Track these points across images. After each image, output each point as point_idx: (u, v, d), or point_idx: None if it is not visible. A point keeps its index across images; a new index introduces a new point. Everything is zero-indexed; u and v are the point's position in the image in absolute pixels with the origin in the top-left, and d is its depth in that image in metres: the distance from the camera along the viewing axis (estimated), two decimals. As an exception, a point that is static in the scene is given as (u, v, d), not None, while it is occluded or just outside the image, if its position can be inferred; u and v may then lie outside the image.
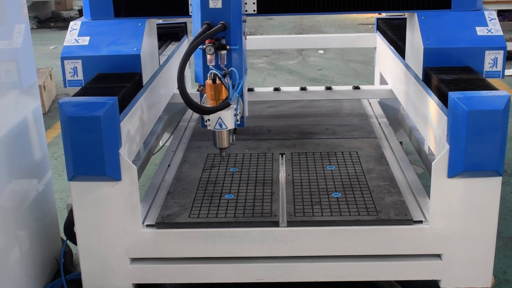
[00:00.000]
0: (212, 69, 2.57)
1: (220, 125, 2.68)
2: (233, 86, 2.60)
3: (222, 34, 2.57)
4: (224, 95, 2.60)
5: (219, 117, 2.66)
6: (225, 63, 2.59)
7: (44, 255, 3.19)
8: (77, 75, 3.03)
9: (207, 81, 2.61)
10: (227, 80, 2.57)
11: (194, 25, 2.63)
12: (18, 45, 3.03)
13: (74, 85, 3.03)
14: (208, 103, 2.64)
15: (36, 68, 3.54)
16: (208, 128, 2.71)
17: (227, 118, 2.67)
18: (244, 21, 2.70)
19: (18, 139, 2.97)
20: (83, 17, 3.25)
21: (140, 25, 3.12)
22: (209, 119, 2.68)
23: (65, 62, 3.02)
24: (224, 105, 2.56)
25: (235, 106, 2.66)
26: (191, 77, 4.98)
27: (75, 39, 3.08)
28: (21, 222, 2.98)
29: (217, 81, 2.58)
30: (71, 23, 3.17)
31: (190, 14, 3.07)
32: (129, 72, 3.01)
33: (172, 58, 3.97)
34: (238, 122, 2.74)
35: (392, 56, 3.92)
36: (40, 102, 3.27)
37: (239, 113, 2.73)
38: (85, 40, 3.08)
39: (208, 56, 2.56)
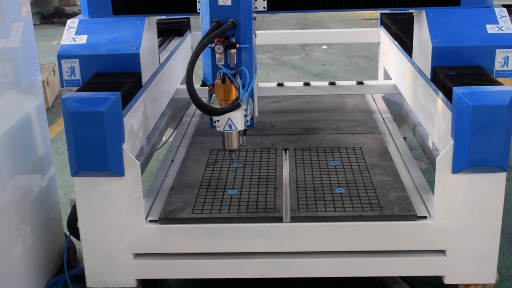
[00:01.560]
0: (222, 69, 2.51)
1: (230, 126, 2.63)
2: (243, 86, 2.54)
3: (231, 32, 2.51)
4: (234, 95, 2.54)
5: (229, 118, 2.60)
6: (235, 62, 2.53)
7: (47, 250, 3.19)
8: (74, 75, 2.97)
9: (216, 80, 2.55)
10: (237, 80, 2.52)
11: (203, 23, 2.58)
12: (19, 42, 3.02)
13: (71, 85, 2.97)
14: (217, 103, 2.58)
15: (39, 64, 3.53)
16: (218, 129, 2.65)
17: (237, 119, 2.61)
18: (254, 19, 2.64)
19: (21, 135, 2.97)
20: (80, 15, 3.21)
21: (139, 23, 3.06)
22: (218, 120, 2.62)
23: (62, 61, 2.95)
24: (235, 106, 2.51)
25: (245, 106, 2.61)
26: (194, 73, 4.97)
27: (72, 38, 3.02)
28: (25, 218, 2.98)
29: (227, 81, 2.52)
30: (69, 21, 3.11)
31: (189, 11, 3.05)
32: (128, 72, 2.96)
33: (175, 53, 3.96)
34: (248, 123, 2.68)
35: (396, 51, 3.91)
36: (43, 97, 3.27)
37: (249, 113, 2.66)
38: (82, 39, 3.01)
39: (217, 55, 2.50)
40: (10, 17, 2.95)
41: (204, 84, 4.19)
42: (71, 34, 3.04)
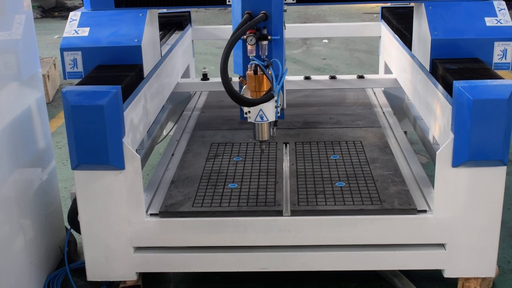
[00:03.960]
0: (254, 60, 2.52)
1: (261, 118, 2.64)
2: (275, 77, 2.54)
3: (263, 24, 2.52)
4: (265, 86, 2.55)
5: (260, 109, 2.62)
6: (266, 53, 2.54)
7: (48, 244, 3.20)
8: (77, 67, 2.99)
9: (248, 72, 2.55)
10: (269, 71, 2.53)
11: (234, 15, 2.59)
12: (21, 34, 3.02)
13: (74, 77, 2.99)
14: (248, 95, 2.59)
15: (40, 57, 3.53)
16: (249, 120, 2.66)
17: (269, 110, 2.62)
18: (285, 11, 2.64)
19: (22, 129, 2.97)
20: (82, 7, 3.22)
21: (141, 16, 3.08)
22: (249, 111, 2.63)
23: (65, 53, 2.98)
24: (269, 97, 2.52)
25: (276, 98, 2.60)
26: (195, 67, 4.97)
27: (75, 30, 3.04)
28: (25, 211, 2.99)
29: (259, 72, 2.53)
30: (71, 13, 3.13)
31: (191, 4, 3.06)
32: (130, 64, 2.98)
33: (176, 47, 3.95)
34: (279, 114, 2.69)
35: (397, 45, 3.90)
36: (43, 91, 3.27)
37: (280, 105, 2.67)
38: (84, 31, 3.03)
39: (249, 47, 2.51)
40: (11, 10, 2.95)
41: (205, 78, 4.22)
42: (73, 26, 3.06)
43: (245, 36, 2.49)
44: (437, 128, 2.93)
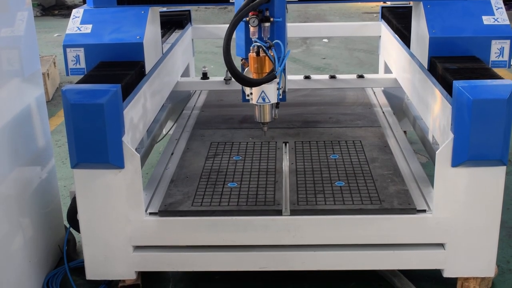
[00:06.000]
0: (256, 42, 2.53)
1: (263, 99, 2.65)
2: (277, 58, 2.56)
3: (265, 6, 2.53)
4: (267, 68, 2.56)
5: (262, 91, 2.63)
6: (268, 35, 2.55)
7: (47, 242, 3.20)
8: (79, 63, 3.01)
9: (250, 54, 2.57)
10: (272, 52, 2.54)
11: None
12: (21, 32, 3.02)
13: (76, 73, 3.02)
14: (251, 77, 2.60)
15: (40, 55, 3.53)
16: (251, 102, 2.68)
17: (271, 92, 2.63)
18: None
19: (21, 127, 2.97)
20: (85, 4, 3.24)
21: (143, 13, 3.10)
22: (251, 93, 2.65)
23: (67, 50, 3.01)
24: (271, 77, 2.54)
25: (277, 80, 2.62)
26: (195, 65, 4.97)
27: (78, 27, 3.07)
28: (25, 210, 2.99)
29: (261, 54, 2.54)
30: (74, 10, 3.16)
31: (193, 1, 3.07)
32: (132, 61, 3.00)
33: (176, 46, 3.95)
34: (280, 97, 2.70)
35: (396, 44, 3.90)
36: (43, 89, 3.27)
37: (282, 87, 2.68)
38: (87, 28, 3.06)
39: (251, 29, 2.53)
40: (14, 6, 2.96)
41: (205, 77, 4.22)
42: (76, 23, 3.09)
43: (247, 18, 2.50)
44: (436, 127, 2.94)
